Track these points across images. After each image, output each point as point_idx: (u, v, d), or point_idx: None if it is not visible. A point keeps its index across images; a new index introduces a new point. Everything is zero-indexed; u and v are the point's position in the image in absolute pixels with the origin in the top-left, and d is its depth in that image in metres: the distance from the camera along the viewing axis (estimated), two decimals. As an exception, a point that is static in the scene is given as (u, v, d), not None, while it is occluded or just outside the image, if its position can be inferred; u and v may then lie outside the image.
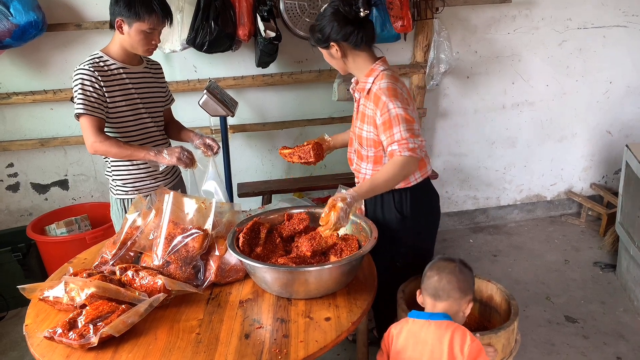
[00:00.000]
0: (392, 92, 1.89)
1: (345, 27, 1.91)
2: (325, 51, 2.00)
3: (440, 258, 1.76)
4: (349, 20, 1.90)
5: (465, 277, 1.69)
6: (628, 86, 3.83)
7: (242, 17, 2.82)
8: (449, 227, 4.03)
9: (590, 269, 3.38)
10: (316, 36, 1.97)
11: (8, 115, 3.05)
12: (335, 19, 1.91)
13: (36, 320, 1.61)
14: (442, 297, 1.65)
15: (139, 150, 2.13)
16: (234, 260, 1.79)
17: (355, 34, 1.92)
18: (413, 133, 1.84)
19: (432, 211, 2.23)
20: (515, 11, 3.45)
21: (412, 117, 1.87)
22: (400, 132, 1.84)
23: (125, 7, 2.02)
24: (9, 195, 3.25)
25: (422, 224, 2.16)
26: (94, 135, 2.06)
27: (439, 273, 1.68)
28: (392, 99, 1.87)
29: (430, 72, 3.30)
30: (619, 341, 2.70)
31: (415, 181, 2.07)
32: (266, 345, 1.46)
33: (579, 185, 4.12)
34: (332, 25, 1.91)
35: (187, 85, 3.09)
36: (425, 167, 2.11)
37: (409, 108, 1.89)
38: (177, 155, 2.13)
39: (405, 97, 1.94)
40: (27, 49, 2.85)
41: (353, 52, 1.97)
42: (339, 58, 1.99)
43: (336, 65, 2.05)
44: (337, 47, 1.94)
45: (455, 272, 1.67)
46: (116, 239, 1.88)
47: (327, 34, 1.92)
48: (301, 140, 3.42)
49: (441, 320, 1.62)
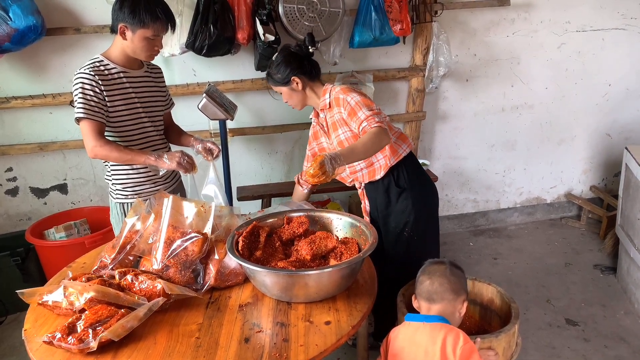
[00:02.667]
0: (346, 89, 2.21)
1: (300, 62, 2.23)
2: (287, 88, 2.26)
3: (430, 262, 1.78)
4: (301, 56, 2.24)
5: (457, 278, 1.70)
6: (627, 89, 3.84)
7: (241, 21, 2.82)
8: (449, 230, 4.02)
9: (591, 272, 3.38)
10: (277, 77, 2.25)
11: (7, 119, 3.05)
12: (290, 58, 2.23)
13: (35, 324, 1.60)
14: (436, 300, 1.67)
15: (140, 155, 2.13)
16: (233, 264, 1.78)
17: (308, 66, 2.25)
18: (374, 111, 2.11)
19: (426, 182, 2.41)
20: (514, 14, 3.45)
21: (370, 101, 2.16)
22: (364, 113, 2.09)
23: (130, 14, 2.01)
24: (7, 200, 3.24)
25: (420, 193, 2.35)
26: (94, 140, 2.06)
27: (431, 277, 1.70)
28: (348, 93, 2.17)
29: (429, 75, 3.31)
30: (620, 344, 2.69)
31: (405, 152, 2.32)
32: (266, 350, 1.45)
33: (578, 187, 4.12)
34: (289, 63, 2.22)
35: (186, 89, 3.09)
36: (407, 140, 2.36)
37: (366, 96, 2.19)
38: (177, 159, 2.13)
39: (360, 91, 2.23)
40: (26, 53, 2.85)
41: (309, 83, 2.27)
42: (299, 90, 2.25)
43: (296, 100, 2.30)
44: (297, 80, 2.22)
45: (446, 274, 1.69)
46: (115, 243, 1.87)
47: (287, 71, 2.21)
48: (301, 143, 3.42)
49: (436, 322, 1.62)
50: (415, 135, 3.58)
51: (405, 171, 2.31)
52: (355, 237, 1.88)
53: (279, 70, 2.23)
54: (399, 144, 2.31)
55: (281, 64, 2.23)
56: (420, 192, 2.34)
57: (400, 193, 2.30)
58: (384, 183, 2.32)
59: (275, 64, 2.25)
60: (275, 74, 2.25)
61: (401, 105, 3.54)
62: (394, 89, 3.49)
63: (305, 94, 2.28)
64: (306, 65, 2.24)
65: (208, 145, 2.32)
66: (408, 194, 2.29)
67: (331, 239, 1.82)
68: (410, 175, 2.32)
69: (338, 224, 1.95)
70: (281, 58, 2.24)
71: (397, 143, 2.30)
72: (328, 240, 1.82)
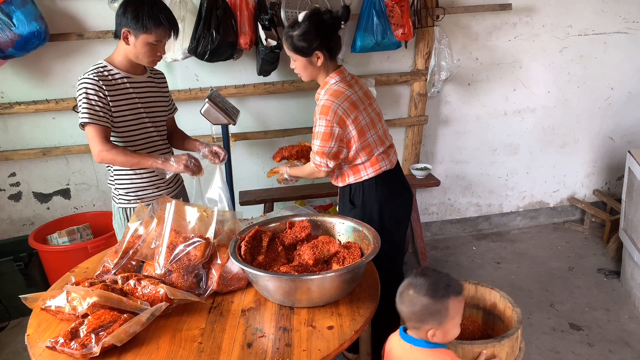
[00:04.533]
0: (325, 110, 2.09)
1: (329, 35, 2.04)
2: (305, 59, 2.10)
3: (408, 280, 1.55)
4: (331, 29, 2.05)
5: (421, 308, 1.48)
6: (629, 92, 3.83)
7: (243, 26, 2.83)
8: (452, 235, 4.02)
9: (594, 276, 3.37)
10: (299, 44, 2.04)
11: (10, 124, 3.07)
12: (320, 29, 2.02)
13: (38, 330, 1.60)
14: (408, 325, 1.58)
15: (146, 159, 2.13)
16: (236, 269, 1.78)
17: (335, 41, 2.08)
18: (323, 152, 2.13)
19: (387, 205, 2.30)
20: (515, 18, 3.46)
21: (328, 138, 2.10)
22: (315, 146, 2.15)
23: (133, 19, 2.02)
24: (11, 205, 3.25)
25: (371, 213, 2.28)
26: (100, 144, 2.05)
27: (399, 298, 1.55)
28: (321, 116, 2.09)
29: (431, 79, 3.31)
30: (624, 349, 2.67)
31: (367, 176, 2.26)
32: (269, 354, 1.45)
33: (581, 191, 4.11)
34: (318, 35, 2.02)
35: (188, 94, 3.10)
36: (378, 164, 2.26)
37: (334, 126, 2.09)
38: (184, 162, 2.13)
39: (339, 114, 2.09)
40: (29, 58, 2.86)
41: (327, 61, 2.12)
42: (319, 66, 2.11)
43: (308, 73, 2.16)
44: (320, 54, 2.06)
45: (409, 302, 1.52)
46: (118, 248, 1.87)
47: (314, 43, 2.02)
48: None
49: (422, 347, 1.55)
50: (418, 140, 3.58)
51: (362, 192, 2.28)
52: (357, 241, 1.88)
53: (304, 39, 2.02)
54: (366, 167, 2.25)
55: (309, 33, 2.01)
56: (373, 214, 2.26)
57: (351, 210, 2.30)
58: (344, 191, 2.34)
59: (302, 30, 2.03)
60: (299, 41, 2.04)
61: (403, 109, 3.55)
62: (396, 93, 3.49)
63: (320, 71, 2.15)
64: (333, 41, 2.07)
65: (214, 149, 2.33)
66: (356, 213, 2.26)
67: (333, 243, 1.82)
68: (365, 197, 2.27)
69: (340, 228, 1.95)
70: (310, 26, 2.02)
71: (363, 165, 2.25)
72: (330, 245, 1.81)
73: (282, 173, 2.42)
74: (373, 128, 2.24)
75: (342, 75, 2.18)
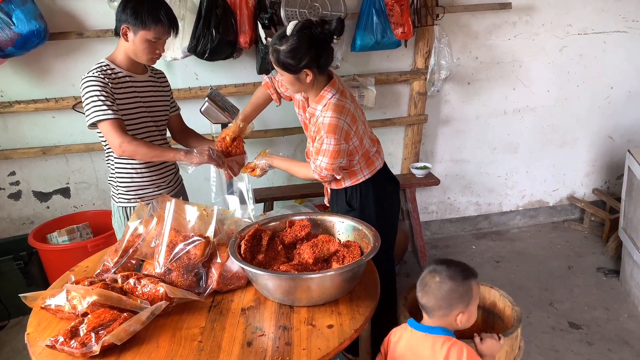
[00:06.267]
0: (332, 128, 2.02)
1: (319, 52, 1.92)
2: (292, 76, 1.98)
3: (429, 269, 1.61)
4: (321, 44, 1.92)
5: (449, 292, 1.54)
6: (629, 91, 3.83)
7: (243, 25, 2.83)
8: (452, 234, 4.02)
9: (594, 275, 3.37)
10: (286, 62, 1.92)
11: (10, 123, 3.06)
12: (310, 45, 1.90)
13: (38, 328, 1.60)
14: (429, 313, 1.60)
15: (168, 151, 2.12)
16: (235, 268, 1.78)
17: (325, 58, 1.96)
18: (332, 168, 2.10)
19: (381, 203, 2.32)
20: (515, 17, 3.46)
21: (337, 154, 2.06)
22: (321, 162, 2.09)
23: (132, 15, 2.02)
24: (10, 204, 3.25)
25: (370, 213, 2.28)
26: (120, 137, 2.03)
27: (422, 289, 1.59)
28: (329, 135, 2.02)
29: (431, 78, 3.31)
30: (624, 347, 2.68)
31: (364, 178, 2.26)
32: (268, 353, 1.45)
33: (581, 190, 4.12)
34: (307, 52, 1.90)
35: (188, 93, 3.10)
36: (374, 164, 2.28)
37: (341, 143, 2.05)
38: (207, 153, 2.13)
39: (345, 130, 2.05)
40: (29, 57, 2.86)
41: (317, 77, 2.01)
42: (307, 83, 2.00)
43: (296, 88, 2.07)
44: (309, 72, 1.96)
45: (435, 288, 1.56)
46: (118, 247, 1.87)
47: (302, 61, 1.91)
48: (303, 146, 3.43)
49: (438, 335, 1.56)
50: (417, 139, 3.58)
51: (359, 194, 2.28)
52: (357, 240, 1.88)
53: (292, 56, 1.90)
54: (362, 170, 2.25)
55: (297, 50, 1.89)
56: (371, 215, 2.27)
57: (348, 212, 2.26)
58: (339, 194, 2.32)
59: (289, 47, 1.89)
60: (286, 58, 1.91)
61: (403, 108, 3.55)
62: (396, 92, 3.49)
63: (310, 87, 2.05)
64: (323, 57, 1.95)
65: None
66: (356, 214, 2.21)
67: (333, 242, 1.82)
68: (362, 198, 2.28)
69: (340, 227, 1.95)
70: (299, 41, 1.88)
71: (360, 168, 2.25)
72: (330, 244, 1.82)
73: (260, 166, 2.37)
74: (366, 132, 2.25)
75: (337, 87, 2.10)
